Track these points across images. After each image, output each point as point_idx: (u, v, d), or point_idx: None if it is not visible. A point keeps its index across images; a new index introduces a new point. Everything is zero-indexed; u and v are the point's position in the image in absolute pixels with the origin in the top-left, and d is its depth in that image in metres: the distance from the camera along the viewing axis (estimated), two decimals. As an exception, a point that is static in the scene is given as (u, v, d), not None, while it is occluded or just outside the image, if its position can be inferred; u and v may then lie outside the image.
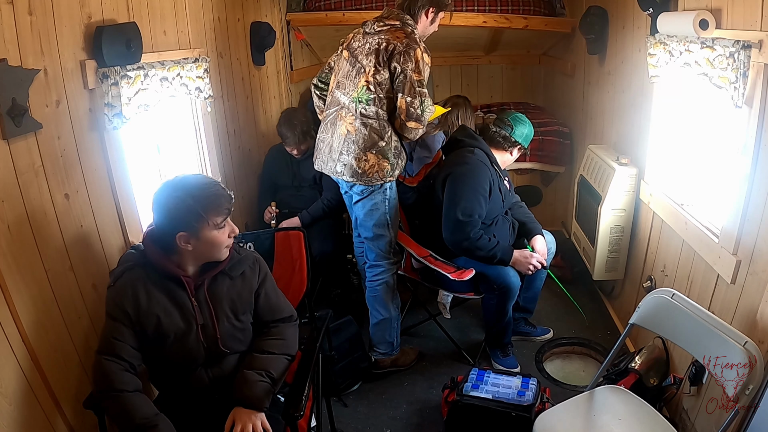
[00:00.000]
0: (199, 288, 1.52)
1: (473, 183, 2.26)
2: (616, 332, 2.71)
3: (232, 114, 2.84)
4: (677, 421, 1.97)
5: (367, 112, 2.15)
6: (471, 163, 2.30)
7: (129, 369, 1.43)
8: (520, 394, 2.04)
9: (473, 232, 2.23)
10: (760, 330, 1.51)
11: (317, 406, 1.73)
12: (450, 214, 2.26)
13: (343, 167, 2.22)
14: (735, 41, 1.55)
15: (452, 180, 2.30)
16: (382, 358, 2.51)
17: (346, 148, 2.20)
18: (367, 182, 2.21)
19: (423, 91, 2.12)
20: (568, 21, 3.45)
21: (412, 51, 2.08)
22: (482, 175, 2.28)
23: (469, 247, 2.25)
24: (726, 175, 1.83)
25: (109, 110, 1.69)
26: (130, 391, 1.40)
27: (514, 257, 2.30)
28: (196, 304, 1.51)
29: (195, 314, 1.50)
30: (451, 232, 2.27)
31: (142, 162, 2.14)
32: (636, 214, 2.54)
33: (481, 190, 2.26)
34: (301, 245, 1.98)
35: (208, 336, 1.51)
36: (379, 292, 2.42)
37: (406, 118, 2.13)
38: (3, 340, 1.33)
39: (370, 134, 2.16)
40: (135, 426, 1.35)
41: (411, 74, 2.09)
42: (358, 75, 2.17)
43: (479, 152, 2.35)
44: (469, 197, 2.24)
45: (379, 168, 2.19)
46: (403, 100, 2.11)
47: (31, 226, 1.44)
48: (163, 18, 2.11)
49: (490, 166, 2.34)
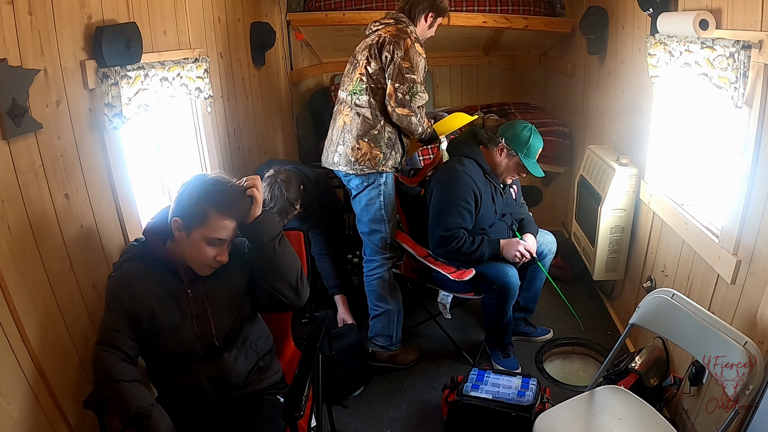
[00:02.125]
0: (194, 280, 1.51)
1: (453, 196, 2.27)
2: (616, 332, 2.71)
3: (232, 114, 2.84)
4: (677, 421, 1.97)
5: (360, 102, 2.25)
6: (454, 176, 2.30)
7: (126, 359, 1.44)
8: (520, 394, 2.04)
9: (455, 242, 2.26)
10: (760, 330, 1.51)
11: (317, 407, 1.73)
12: (433, 230, 2.31)
13: (339, 157, 2.31)
14: (735, 41, 1.55)
15: (436, 193, 2.33)
16: (379, 351, 2.52)
17: (342, 138, 2.30)
18: (360, 171, 2.27)
19: (412, 77, 2.18)
20: (568, 21, 3.45)
21: (401, 41, 2.19)
22: (463, 188, 2.26)
23: (454, 256, 2.30)
24: (726, 175, 1.83)
25: (109, 110, 1.69)
26: (126, 381, 1.41)
27: (502, 245, 2.32)
28: (191, 296, 1.50)
29: (190, 305, 1.50)
30: (435, 245, 2.33)
31: (142, 162, 2.13)
32: (636, 215, 2.54)
33: (463, 204, 2.26)
34: (301, 245, 1.98)
35: (202, 329, 1.50)
36: (374, 286, 2.47)
37: (395, 104, 2.20)
38: (3, 340, 1.33)
39: (363, 122, 2.26)
40: (130, 415, 1.37)
41: (400, 62, 2.18)
42: (354, 70, 2.30)
43: (469, 163, 2.33)
44: (451, 211, 2.26)
45: (372, 156, 2.26)
46: (391, 86, 2.20)
47: (31, 226, 1.44)
48: (163, 18, 2.11)
49: (481, 177, 2.32)
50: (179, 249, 1.47)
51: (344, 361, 2.34)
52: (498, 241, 2.32)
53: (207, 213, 1.41)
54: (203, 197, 1.41)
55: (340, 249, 2.84)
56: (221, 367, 1.52)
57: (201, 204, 1.41)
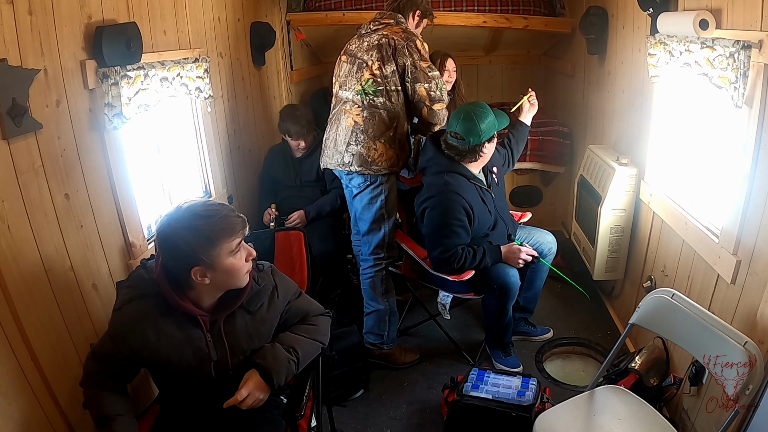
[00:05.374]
0: (214, 324, 1.43)
1: (445, 218, 2.24)
2: (616, 332, 2.71)
3: (232, 114, 2.84)
4: (677, 421, 1.97)
5: (375, 103, 2.27)
6: (441, 198, 2.24)
7: (111, 378, 1.44)
8: (520, 394, 2.04)
9: (456, 262, 2.25)
10: (760, 330, 1.51)
11: (317, 407, 1.73)
12: (432, 253, 2.30)
13: (351, 157, 2.31)
14: (735, 41, 1.55)
15: (427, 218, 2.29)
16: (370, 347, 2.53)
17: (354, 138, 2.30)
18: (376, 171, 2.30)
19: (435, 74, 2.27)
20: (568, 21, 3.45)
21: (412, 43, 2.24)
22: (453, 207, 2.22)
23: (457, 272, 2.28)
24: (726, 175, 1.82)
25: (109, 110, 1.69)
26: (105, 391, 1.43)
27: (503, 254, 2.32)
28: (210, 341, 1.42)
29: (208, 351, 1.42)
30: (436, 266, 2.32)
31: (142, 162, 2.13)
32: (636, 214, 2.54)
33: (456, 223, 2.23)
34: (301, 245, 1.98)
35: (219, 369, 1.45)
36: (367, 285, 2.50)
37: (431, 102, 2.26)
38: (3, 340, 1.33)
39: (379, 124, 2.28)
40: (95, 419, 1.40)
41: (420, 63, 2.23)
42: (360, 70, 2.29)
43: (450, 177, 2.26)
44: (446, 233, 2.24)
45: (387, 157, 2.30)
46: (422, 88, 2.25)
47: (31, 226, 1.44)
48: (163, 18, 2.11)
49: (466, 186, 2.26)
50: (210, 288, 1.39)
51: (344, 362, 2.33)
52: (499, 248, 2.32)
53: (215, 239, 1.33)
54: (200, 231, 1.32)
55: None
56: (231, 386, 1.46)
57: (204, 237, 1.32)
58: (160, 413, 1.62)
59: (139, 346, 1.38)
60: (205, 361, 1.43)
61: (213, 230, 1.33)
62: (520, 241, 2.45)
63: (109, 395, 1.43)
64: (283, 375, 1.45)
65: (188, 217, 1.33)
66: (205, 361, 1.43)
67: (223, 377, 1.46)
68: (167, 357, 1.39)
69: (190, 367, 1.42)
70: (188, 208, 1.35)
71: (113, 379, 1.45)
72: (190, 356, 1.41)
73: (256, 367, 1.45)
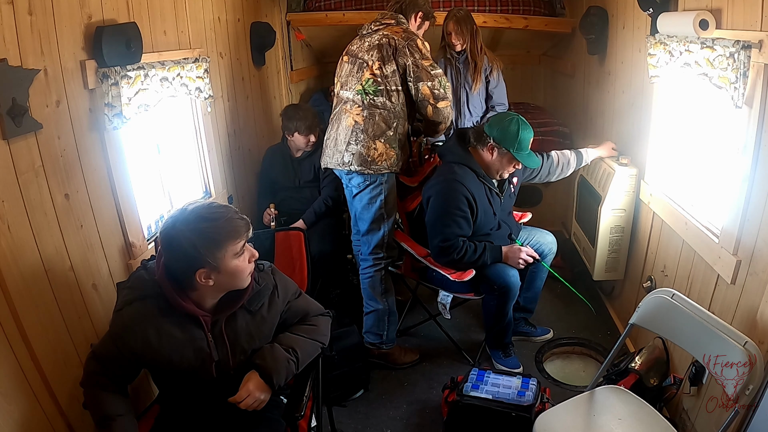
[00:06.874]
0: (215, 324, 1.44)
1: (447, 207, 2.26)
2: (616, 332, 2.71)
3: (232, 114, 2.84)
4: (677, 421, 1.97)
5: (375, 102, 2.28)
6: (446, 186, 2.27)
7: (112, 378, 1.44)
8: (520, 394, 2.04)
9: (456, 253, 2.25)
10: (760, 330, 1.51)
11: (317, 407, 1.73)
12: (432, 242, 2.32)
13: (351, 156, 2.31)
14: (735, 41, 1.55)
15: (430, 205, 2.32)
16: (370, 347, 2.53)
17: (354, 137, 2.31)
18: (376, 170, 2.31)
19: (437, 72, 2.28)
20: (568, 21, 3.45)
21: (413, 43, 2.25)
22: (456, 196, 2.24)
23: (456, 265, 2.29)
24: (726, 175, 1.82)
25: (109, 110, 1.69)
26: (105, 391, 1.43)
27: (504, 253, 2.32)
28: (211, 341, 1.43)
29: (210, 351, 1.43)
30: (436, 256, 2.33)
31: (142, 162, 2.13)
32: (636, 215, 2.54)
33: (457, 212, 2.25)
34: (301, 245, 1.98)
35: (221, 369, 1.46)
36: (366, 285, 2.51)
37: (435, 100, 2.27)
38: (3, 340, 1.33)
39: (379, 123, 2.29)
40: (95, 420, 1.40)
41: (421, 62, 2.24)
42: (360, 70, 2.30)
43: (459, 169, 2.29)
44: (446, 222, 2.25)
45: (387, 156, 2.30)
46: (426, 87, 2.25)
47: (31, 226, 1.44)
48: (163, 18, 2.11)
49: (474, 181, 2.28)
50: (213, 289, 1.40)
51: (344, 362, 2.33)
52: (500, 248, 2.32)
53: (220, 242, 1.34)
54: (206, 233, 1.32)
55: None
56: (232, 386, 1.47)
57: (210, 240, 1.32)
58: (160, 413, 1.62)
59: (140, 346, 1.38)
60: (207, 361, 1.43)
61: (218, 233, 1.33)
62: (521, 243, 2.45)
63: (109, 395, 1.43)
64: (282, 375, 1.46)
65: (193, 220, 1.33)
66: (206, 361, 1.43)
67: (224, 377, 1.46)
68: (168, 357, 1.40)
69: (191, 368, 1.42)
70: (193, 211, 1.35)
71: (114, 380, 1.45)
72: (192, 356, 1.42)
73: (256, 367, 1.45)
